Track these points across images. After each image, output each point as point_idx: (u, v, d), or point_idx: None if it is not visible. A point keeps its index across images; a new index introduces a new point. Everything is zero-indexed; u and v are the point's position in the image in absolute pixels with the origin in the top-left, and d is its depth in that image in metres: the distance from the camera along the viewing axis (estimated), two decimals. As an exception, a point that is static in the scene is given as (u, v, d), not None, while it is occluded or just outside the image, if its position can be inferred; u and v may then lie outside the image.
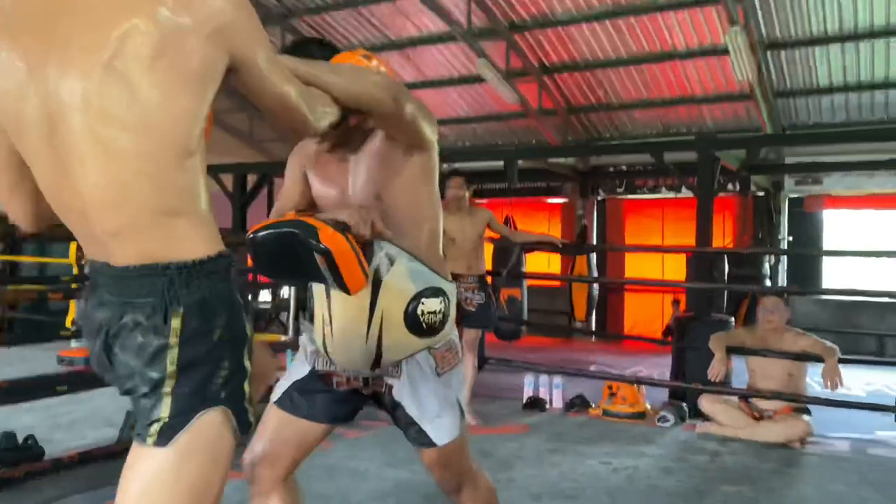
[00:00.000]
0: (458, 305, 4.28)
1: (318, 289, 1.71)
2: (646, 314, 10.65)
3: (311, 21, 9.59)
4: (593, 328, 10.48)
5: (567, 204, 11.29)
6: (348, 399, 1.76)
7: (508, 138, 11.07)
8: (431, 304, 1.63)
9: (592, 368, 6.89)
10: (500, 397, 5.30)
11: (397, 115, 1.53)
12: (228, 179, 8.48)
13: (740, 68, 7.62)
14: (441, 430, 1.68)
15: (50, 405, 4.28)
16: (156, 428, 1.07)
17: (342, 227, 1.46)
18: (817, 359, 4.13)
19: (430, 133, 1.65)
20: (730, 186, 9.28)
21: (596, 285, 9.97)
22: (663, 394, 5.21)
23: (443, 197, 4.59)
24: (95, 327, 1.12)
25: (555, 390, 5.14)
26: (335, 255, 1.42)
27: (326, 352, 1.70)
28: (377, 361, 1.65)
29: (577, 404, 5.00)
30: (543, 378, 5.21)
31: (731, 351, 4.42)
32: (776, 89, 8.85)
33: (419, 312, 1.62)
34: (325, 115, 1.37)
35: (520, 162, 8.09)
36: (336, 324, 1.66)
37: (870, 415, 4.61)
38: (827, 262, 9.69)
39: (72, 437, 3.89)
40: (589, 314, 10.12)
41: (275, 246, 1.48)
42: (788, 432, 4.17)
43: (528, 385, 5.21)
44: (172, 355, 1.06)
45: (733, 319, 5.73)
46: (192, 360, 1.07)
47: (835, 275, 9.54)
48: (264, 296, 9.31)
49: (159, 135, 1.03)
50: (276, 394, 1.76)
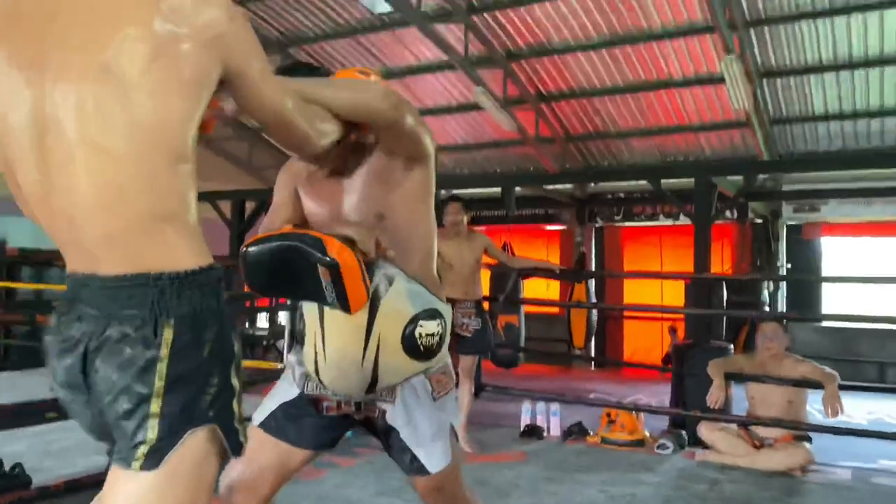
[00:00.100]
0: (454, 331, 4.32)
1: (309, 310, 1.66)
2: (645, 342, 10.58)
3: (310, 50, 9.67)
4: (592, 356, 10.41)
5: (565, 231, 11.28)
6: (336, 424, 1.71)
7: (506, 165, 11.11)
8: (429, 327, 1.60)
9: (592, 397, 6.83)
10: (497, 425, 5.24)
11: (398, 125, 1.50)
12: (227, 207, 8.49)
13: (736, 96, 7.66)
14: (434, 456, 1.64)
15: (41, 432, 4.20)
16: (142, 451, 1.04)
17: (349, 242, 1.43)
18: (817, 385, 4.09)
19: (430, 143, 1.63)
20: (728, 214, 9.28)
21: (595, 313, 9.92)
22: (663, 422, 5.15)
23: (441, 223, 4.64)
24: (71, 344, 1.09)
25: (552, 418, 5.09)
26: (342, 268, 1.38)
27: (317, 375, 1.65)
28: (372, 385, 1.61)
29: (575, 432, 4.94)
30: (541, 405, 5.16)
31: (730, 377, 4.38)
32: (772, 117, 8.90)
33: (417, 335, 1.58)
34: (327, 133, 1.37)
35: (518, 189, 8.12)
36: (329, 346, 1.61)
37: (872, 443, 4.54)
38: (826, 289, 9.65)
39: (62, 465, 3.83)
40: (588, 342, 10.04)
41: (273, 258, 1.43)
42: (789, 460, 4.11)
43: (526, 412, 5.15)
44: (161, 369, 1.03)
45: (732, 346, 5.69)
46: (181, 374, 1.04)
47: (834, 303, 9.50)
48: (261, 321, 9.26)
49: (153, 138, 1.03)
50: (260, 415, 1.71)
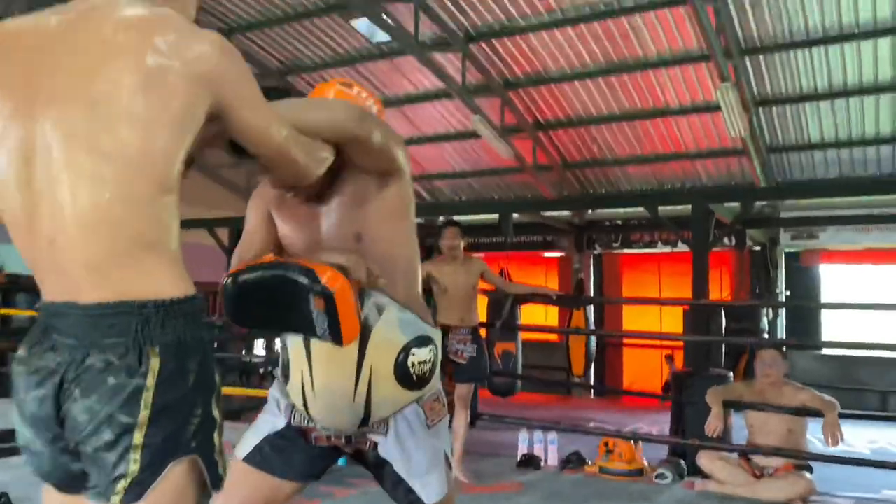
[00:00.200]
0: (449, 358, 4.27)
1: (294, 344, 1.61)
2: (645, 370, 10.52)
3: (308, 78, 9.75)
4: (592, 384, 10.33)
5: (564, 258, 11.28)
6: (326, 455, 1.66)
7: (504, 192, 11.14)
8: (421, 354, 1.56)
9: (591, 426, 6.75)
10: (494, 455, 5.17)
11: (367, 141, 1.46)
12: (224, 234, 8.48)
13: (732, 124, 7.70)
14: (430, 487, 1.60)
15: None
16: (122, 485, 1.01)
17: (341, 270, 1.38)
18: (817, 413, 4.03)
19: (403, 158, 1.58)
20: (726, 241, 9.28)
21: (594, 341, 9.87)
22: (663, 451, 5.08)
23: (439, 250, 4.62)
24: (44, 374, 1.06)
25: (550, 447, 5.02)
26: (337, 297, 1.32)
27: (306, 410, 1.60)
28: (366, 420, 1.57)
29: (573, 461, 4.87)
30: (538, 434, 5.09)
31: (729, 405, 4.33)
32: (769, 145, 8.94)
33: (410, 364, 1.54)
34: (323, 161, 1.36)
35: (516, 216, 8.12)
36: (318, 382, 1.56)
37: (875, 473, 4.47)
38: (826, 317, 9.61)
39: (49, 495, 3.76)
40: (587, 370, 9.98)
41: (260, 290, 1.38)
42: (790, 490, 4.04)
43: (523, 442, 5.08)
44: (147, 398, 1.01)
45: (732, 374, 5.64)
46: (167, 404, 1.03)
47: (834, 330, 9.45)
48: (258, 348, 9.20)
49: (139, 167, 1.04)
50: (244, 448, 1.64)
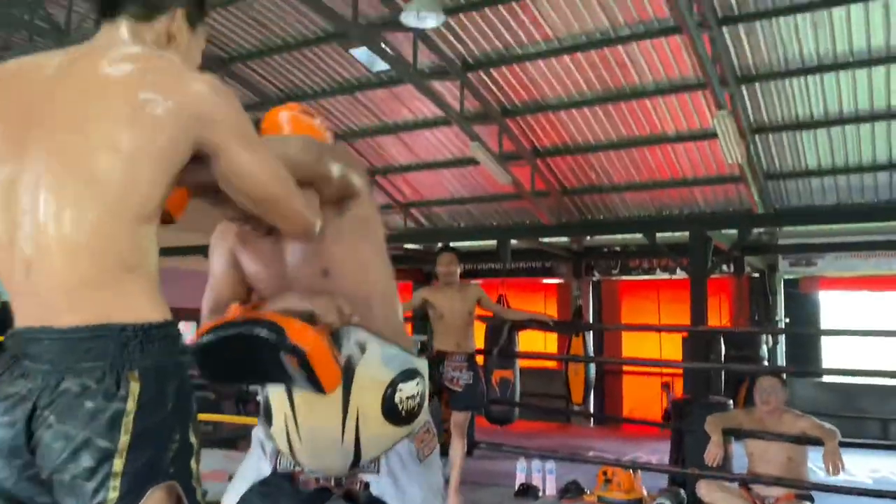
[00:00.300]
0: (445, 386, 4.23)
1: (275, 387, 1.55)
2: (644, 398, 10.42)
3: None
4: (591, 411, 10.23)
5: (562, 285, 11.25)
6: (314, 499, 1.60)
7: (503, 219, 11.15)
8: (408, 389, 1.51)
9: (591, 454, 6.67)
10: (491, 484, 5.10)
11: (326, 176, 1.43)
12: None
13: (729, 151, 7.73)
14: None
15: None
16: None
17: (308, 319, 1.32)
18: (817, 441, 3.98)
19: (359, 180, 1.53)
20: (724, 268, 9.26)
21: (593, 369, 9.80)
22: (662, 480, 5.00)
23: (435, 276, 4.62)
24: (14, 401, 1.03)
25: (548, 476, 4.95)
26: (308, 354, 1.27)
27: (292, 454, 1.55)
28: (356, 462, 1.51)
29: (572, 490, 4.81)
30: (536, 463, 5.03)
31: (729, 433, 4.27)
32: (766, 172, 8.96)
33: (397, 400, 1.49)
34: (317, 210, 1.37)
35: (514, 242, 8.11)
36: (304, 426, 1.50)
37: (877, 503, 4.41)
38: (826, 345, 9.54)
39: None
40: (586, 397, 9.89)
41: (232, 349, 1.33)
42: (792, 521, 3.97)
43: (520, 471, 5.02)
44: (128, 423, 1.00)
45: (732, 402, 5.58)
46: (146, 428, 1.01)
47: (834, 358, 9.39)
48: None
49: (121, 196, 1.05)
50: (231, 498, 1.58)
